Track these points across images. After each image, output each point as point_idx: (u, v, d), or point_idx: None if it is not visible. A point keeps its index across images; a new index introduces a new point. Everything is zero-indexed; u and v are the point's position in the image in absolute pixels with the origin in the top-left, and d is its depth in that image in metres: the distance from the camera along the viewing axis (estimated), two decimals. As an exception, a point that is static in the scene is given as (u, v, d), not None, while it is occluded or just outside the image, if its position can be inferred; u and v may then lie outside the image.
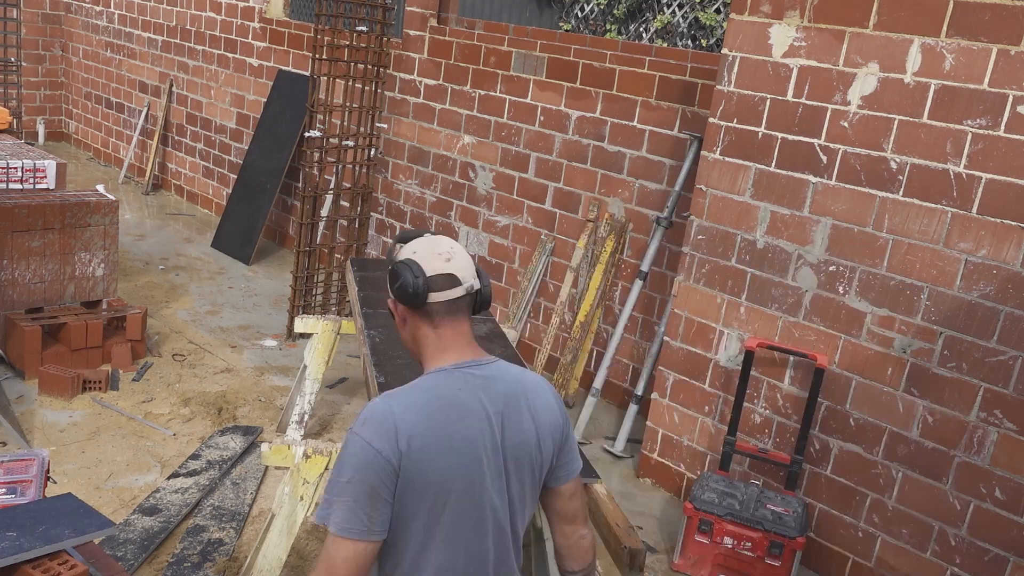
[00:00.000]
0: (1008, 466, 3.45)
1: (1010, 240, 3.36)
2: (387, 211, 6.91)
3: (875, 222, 3.70)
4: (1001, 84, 3.32)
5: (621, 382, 5.50)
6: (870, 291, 3.74)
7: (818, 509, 4.00)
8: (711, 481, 3.97)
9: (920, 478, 3.68)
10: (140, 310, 5.30)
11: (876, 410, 3.78)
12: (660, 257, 5.19)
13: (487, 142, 6.06)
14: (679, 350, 4.43)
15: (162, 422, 4.62)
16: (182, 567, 3.47)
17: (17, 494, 2.19)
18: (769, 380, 4.11)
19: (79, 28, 10.50)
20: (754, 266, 4.09)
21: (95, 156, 10.60)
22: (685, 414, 4.45)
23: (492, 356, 1.93)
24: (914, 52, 3.51)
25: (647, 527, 4.25)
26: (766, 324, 4.07)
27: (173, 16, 8.91)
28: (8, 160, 5.43)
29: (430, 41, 6.37)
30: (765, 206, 4.02)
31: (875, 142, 3.65)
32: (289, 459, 3.01)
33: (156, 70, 9.27)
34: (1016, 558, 3.45)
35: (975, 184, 3.42)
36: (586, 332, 5.38)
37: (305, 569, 3.59)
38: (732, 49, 4.03)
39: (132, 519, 3.72)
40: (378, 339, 3.45)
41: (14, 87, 9.15)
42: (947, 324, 3.56)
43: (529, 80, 5.76)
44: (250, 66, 8.07)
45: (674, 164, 5.10)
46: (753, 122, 4.00)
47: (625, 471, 4.76)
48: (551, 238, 5.76)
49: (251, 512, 3.94)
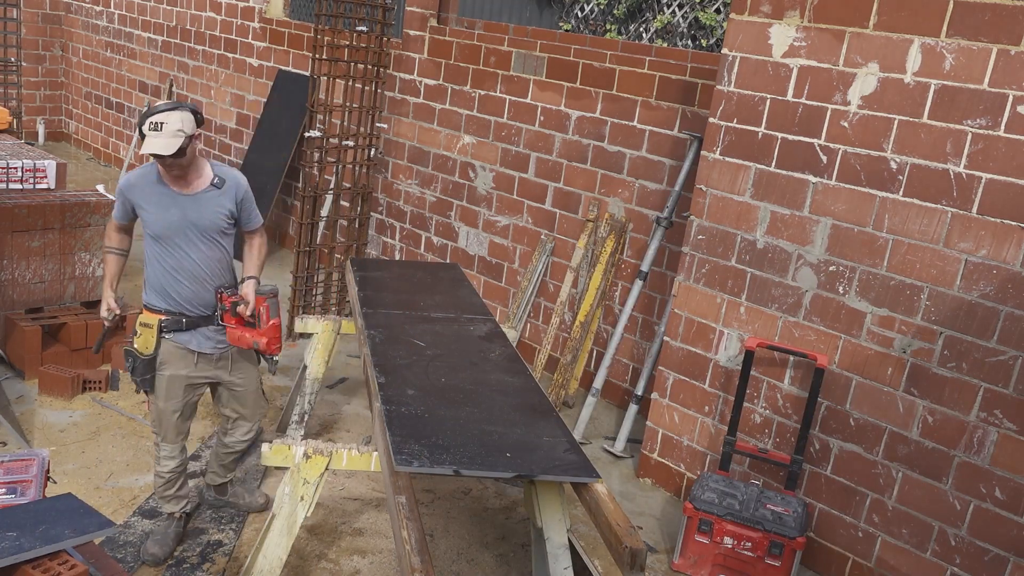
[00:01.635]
0: (1008, 466, 3.45)
1: (1010, 240, 3.36)
2: (387, 211, 6.91)
3: (875, 222, 3.70)
4: (1001, 84, 3.32)
5: (621, 382, 5.50)
6: (870, 291, 3.74)
7: (818, 509, 4.00)
8: (711, 481, 3.97)
9: (920, 478, 3.68)
10: (140, 310, 5.29)
11: (876, 410, 3.78)
12: (660, 257, 5.19)
13: (487, 142, 6.06)
14: (679, 350, 4.43)
15: (162, 422, 4.62)
16: (182, 568, 3.47)
17: (17, 494, 2.19)
18: (769, 380, 4.11)
19: (79, 28, 10.50)
20: (754, 266, 4.08)
21: (95, 156, 10.60)
22: (685, 414, 4.45)
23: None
24: (914, 52, 3.51)
25: (647, 527, 4.25)
26: (766, 324, 4.07)
27: (173, 16, 8.91)
28: (8, 160, 5.43)
29: (430, 41, 6.36)
30: (765, 206, 4.02)
31: (875, 142, 3.65)
32: (289, 459, 3.01)
33: (156, 70, 9.27)
34: (1016, 558, 3.45)
35: (975, 184, 3.42)
36: (586, 332, 5.38)
37: (305, 569, 3.59)
38: (732, 49, 4.03)
39: (132, 522, 3.72)
40: (378, 339, 3.45)
41: (14, 87, 9.15)
42: (947, 324, 3.56)
43: (529, 80, 5.76)
44: (250, 66, 8.07)
45: (674, 164, 5.10)
46: (753, 122, 4.00)
47: (625, 471, 4.76)
48: (551, 238, 5.76)
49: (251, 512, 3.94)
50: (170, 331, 3.40)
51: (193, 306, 3.41)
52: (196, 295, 3.40)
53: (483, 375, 3.22)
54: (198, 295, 3.41)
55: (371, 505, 4.11)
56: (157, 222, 3.34)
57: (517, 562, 3.83)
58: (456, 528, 4.02)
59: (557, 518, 2.73)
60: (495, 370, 3.28)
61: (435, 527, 3.99)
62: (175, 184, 3.34)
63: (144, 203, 3.36)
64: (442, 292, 4.21)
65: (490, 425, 2.79)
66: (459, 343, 3.54)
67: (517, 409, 2.95)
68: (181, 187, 3.34)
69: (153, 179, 3.37)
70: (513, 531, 4.05)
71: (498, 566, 3.79)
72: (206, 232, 3.38)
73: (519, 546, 3.94)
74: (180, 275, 3.37)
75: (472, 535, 3.98)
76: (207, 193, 3.38)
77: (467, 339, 3.59)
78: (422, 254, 6.66)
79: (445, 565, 3.74)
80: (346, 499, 4.14)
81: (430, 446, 2.59)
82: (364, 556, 3.73)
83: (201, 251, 3.38)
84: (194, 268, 3.38)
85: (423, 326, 3.67)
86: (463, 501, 4.25)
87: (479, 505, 4.23)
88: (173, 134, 3.16)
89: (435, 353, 3.38)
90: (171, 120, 3.17)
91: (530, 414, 2.93)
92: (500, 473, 2.56)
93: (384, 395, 2.92)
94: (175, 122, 3.17)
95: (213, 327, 3.47)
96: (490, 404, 2.96)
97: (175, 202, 3.33)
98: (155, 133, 3.15)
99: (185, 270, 3.37)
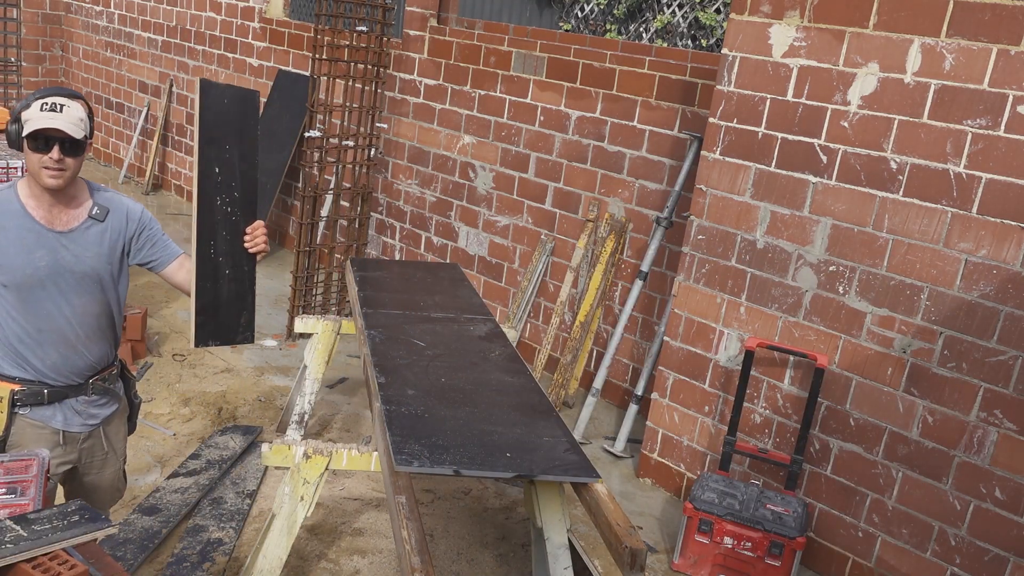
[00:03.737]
0: (1008, 466, 3.45)
1: (1010, 240, 3.36)
2: (387, 211, 6.91)
3: (875, 222, 3.70)
4: (1001, 84, 3.32)
5: (621, 382, 5.50)
6: (870, 291, 3.74)
7: (818, 509, 4.00)
8: (711, 481, 3.97)
9: (920, 478, 3.68)
10: (140, 310, 5.29)
11: (876, 410, 3.78)
12: (660, 257, 5.19)
13: (487, 142, 6.06)
14: (679, 350, 4.43)
15: (162, 422, 4.62)
16: (182, 567, 3.47)
17: (17, 494, 2.19)
18: (769, 380, 4.11)
19: (79, 28, 10.50)
20: (754, 266, 4.08)
21: (95, 156, 10.60)
22: (685, 414, 4.45)
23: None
24: (914, 52, 3.51)
25: (647, 527, 4.25)
26: (766, 324, 4.07)
27: (173, 16, 8.91)
28: (8, 160, 5.43)
29: (430, 41, 6.36)
30: (765, 206, 4.02)
31: (875, 142, 3.65)
32: (289, 459, 3.01)
33: (156, 70, 9.27)
34: (1016, 558, 3.45)
35: (975, 184, 3.42)
36: (586, 332, 5.37)
37: (305, 569, 3.59)
38: (732, 49, 4.03)
39: (132, 518, 3.72)
40: (378, 339, 3.45)
41: (14, 87, 9.15)
42: (947, 324, 3.55)
43: (529, 80, 5.76)
44: (250, 66, 8.07)
45: (674, 164, 5.10)
46: (753, 122, 4.00)
47: (625, 471, 4.76)
48: (551, 238, 5.76)
49: (251, 512, 3.94)
50: (26, 405, 2.57)
51: (60, 375, 2.59)
52: (66, 361, 2.59)
53: (483, 375, 3.22)
54: (68, 362, 2.59)
55: (371, 505, 4.11)
56: (16, 268, 2.47)
57: (517, 562, 3.83)
58: (456, 528, 4.02)
59: (557, 518, 2.73)
60: (495, 370, 3.28)
61: (435, 527, 3.99)
62: (47, 214, 2.51)
63: (0, 239, 2.46)
64: (442, 292, 4.21)
65: (490, 425, 2.79)
66: (459, 343, 3.54)
67: (517, 409, 2.95)
68: (53, 219, 2.52)
69: (15, 209, 2.49)
70: (513, 531, 4.05)
71: (498, 566, 3.79)
72: (83, 281, 2.57)
73: (519, 546, 3.94)
74: (45, 338, 2.54)
75: (472, 535, 3.98)
76: (86, 228, 2.57)
77: (467, 339, 3.59)
78: (422, 254, 6.66)
79: (445, 565, 3.74)
80: (346, 499, 4.13)
81: (430, 446, 2.59)
82: (364, 556, 3.73)
83: (74, 306, 2.57)
84: (65, 328, 2.56)
85: (423, 326, 3.66)
86: (463, 501, 4.25)
87: (479, 505, 4.23)
88: (76, 121, 2.44)
89: (435, 353, 3.38)
90: (73, 106, 2.45)
91: (530, 414, 2.93)
92: (500, 473, 2.56)
93: (384, 395, 2.92)
94: (77, 110, 2.46)
95: (83, 398, 2.66)
96: (490, 404, 2.96)
97: (41, 241, 2.50)
98: (52, 113, 2.40)
99: (54, 331, 2.55)
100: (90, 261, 2.58)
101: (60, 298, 2.54)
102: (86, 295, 2.59)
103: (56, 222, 2.53)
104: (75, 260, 2.55)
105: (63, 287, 2.54)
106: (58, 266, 2.52)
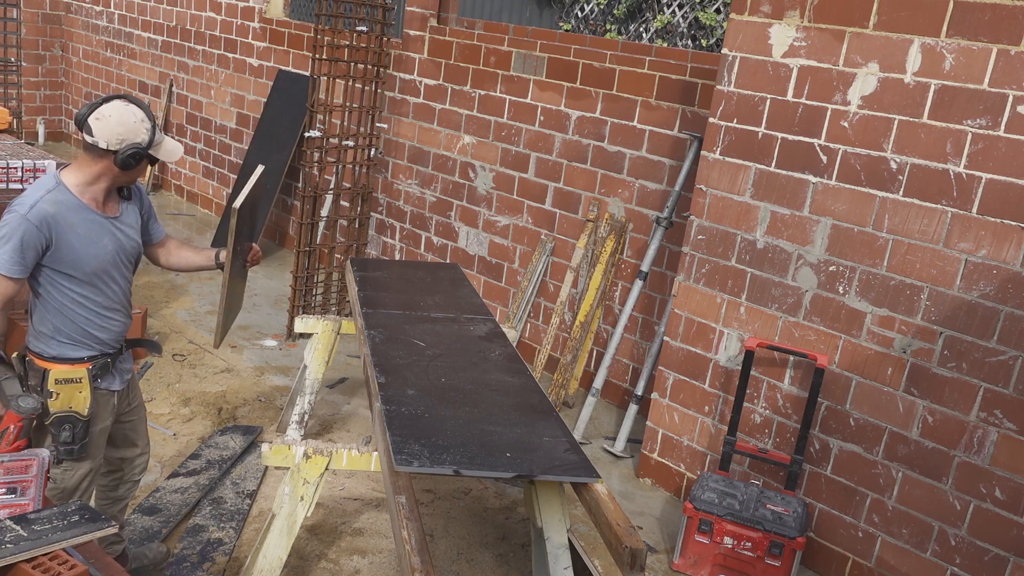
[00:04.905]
0: (1008, 466, 3.45)
1: (1010, 240, 3.36)
2: (387, 211, 6.91)
3: (875, 222, 3.70)
4: (1001, 84, 3.32)
5: (621, 382, 5.50)
6: (870, 291, 3.74)
7: (818, 509, 4.00)
8: (711, 481, 3.97)
9: (920, 478, 3.68)
10: (140, 310, 5.29)
11: (876, 410, 3.78)
12: (660, 257, 5.19)
13: (487, 142, 6.06)
14: (679, 350, 4.43)
15: (162, 422, 4.62)
16: (182, 567, 3.47)
17: (17, 494, 2.19)
18: (769, 380, 4.11)
19: (79, 28, 10.50)
20: (754, 266, 4.09)
21: (95, 156, 10.59)
22: (685, 414, 4.45)
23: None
24: (914, 52, 3.51)
25: (647, 527, 4.25)
26: (766, 324, 4.07)
27: (173, 16, 8.91)
28: (8, 160, 5.43)
29: (430, 41, 6.36)
30: (765, 206, 4.02)
31: (875, 142, 3.65)
32: (289, 459, 3.01)
33: (156, 70, 9.27)
34: (1016, 558, 3.45)
35: (975, 184, 3.42)
36: (586, 332, 5.38)
37: (305, 569, 3.59)
38: (732, 49, 4.03)
39: (132, 519, 3.72)
40: (378, 339, 3.45)
41: (14, 87, 9.15)
42: (947, 324, 3.56)
43: (529, 80, 5.76)
44: (250, 66, 8.07)
45: (674, 164, 5.10)
46: (753, 122, 4.00)
47: (625, 471, 4.76)
48: (551, 238, 5.76)
49: (251, 512, 3.94)
50: (100, 377, 2.86)
51: (117, 342, 2.92)
52: (124, 329, 2.94)
53: (483, 375, 3.22)
54: (124, 328, 2.95)
55: (371, 505, 4.11)
56: (90, 259, 2.72)
57: (517, 562, 3.83)
58: (456, 528, 4.02)
59: (557, 518, 2.73)
60: (495, 370, 3.28)
61: (435, 527, 3.99)
62: (102, 203, 2.77)
63: (71, 238, 2.68)
64: (442, 292, 4.21)
65: (490, 425, 2.79)
66: (459, 343, 3.54)
67: (517, 409, 2.95)
68: (106, 207, 2.78)
69: (74, 204, 2.69)
70: (513, 531, 4.05)
71: (498, 566, 3.79)
72: (131, 257, 2.91)
73: (519, 546, 3.94)
74: (112, 313, 2.86)
75: (472, 535, 3.98)
76: (126, 209, 2.88)
77: (467, 339, 3.59)
78: (422, 254, 6.66)
79: (445, 565, 3.74)
80: (346, 499, 4.14)
81: (430, 446, 2.59)
82: (364, 556, 3.73)
83: (127, 279, 2.91)
84: (124, 299, 2.91)
85: (423, 326, 3.66)
86: (463, 501, 4.25)
87: (479, 505, 4.23)
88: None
89: (435, 353, 3.38)
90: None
91: (530, 414, 2.93)
92: (500, 473, 2.56)
93: (384, 395, 2.92)
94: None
95: (121, 356, 2.98)
96: (490, 404, 2.96)
97: (104, 229, 2.76)
98: (165, 134, 2.73)
99: (118, 305, 2.88)
100: (135, 237, 2.90)
101: (119, 275, 2.85)
102: (132, 266, 2.93)
103: (108, 209, 2.80)
104: (127, 240, 2.86)
105: (120, 265, 2.85)
106: (119, 248, 2.82)
